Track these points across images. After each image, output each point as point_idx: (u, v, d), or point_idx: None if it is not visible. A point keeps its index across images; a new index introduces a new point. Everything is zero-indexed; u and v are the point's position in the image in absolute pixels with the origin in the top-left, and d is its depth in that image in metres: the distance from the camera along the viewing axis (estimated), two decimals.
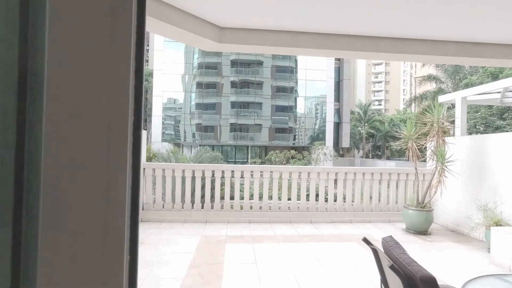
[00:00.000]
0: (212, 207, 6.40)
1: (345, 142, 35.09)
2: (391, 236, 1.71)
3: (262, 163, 24.57)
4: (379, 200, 6.77)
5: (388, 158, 42.58)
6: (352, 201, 6.71)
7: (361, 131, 45.77)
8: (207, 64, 32.26)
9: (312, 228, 5.95)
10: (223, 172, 6.47)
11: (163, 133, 31.93)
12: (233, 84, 32.23)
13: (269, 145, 31.83)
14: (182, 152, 27.37)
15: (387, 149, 44.90)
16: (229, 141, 32.55)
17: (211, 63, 32.32)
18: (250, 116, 32.56)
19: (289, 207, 6.45)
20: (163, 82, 31.31)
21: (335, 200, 6.72)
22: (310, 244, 4.94)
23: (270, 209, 6.46)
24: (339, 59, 35.11)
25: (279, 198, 6.64)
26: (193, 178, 6.55)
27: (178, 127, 32.33)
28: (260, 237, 5.30)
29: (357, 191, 6.66)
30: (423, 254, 4.66)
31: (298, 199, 6.64)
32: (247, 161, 31.34)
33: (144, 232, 5.47)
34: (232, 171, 6.55)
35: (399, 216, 6.48)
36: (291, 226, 6.08)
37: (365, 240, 1.73)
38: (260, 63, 32.64)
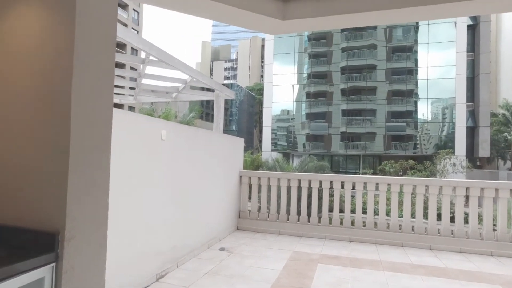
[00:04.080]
0: (308, 220, 5.87)
1: (484, 151, 28.69)
2: None
3: (374, 174, 22.34)
4: None
5: None
6: (494, 227, 5.08)
7: (508, 137, 36.86)
8: (317, 73, 32.18)
9: (431, 257, 4.71)
10: (320, 182, 5.88)
11: (275, 143, 33.12)
12: (343, 92, 31.10)
13: (384, 155, 28.92)
14: (292, 161, 27.69)
15: None
16: (340, 151, 31.27)
17: (320, 72, 32.11)
18: (362, 124, 30.79)
19: (400, 225, 5.33)
20: (273, 94, 32.62)
21: (466, 223, 5.22)
22: (427, 280, 3.84)
23: (375, 226, 5.49)
24: (473, 51, 29.37)
25: (387, 214, 5.58)
26: (289, 187, 6.18)
27: (290, 137, 33.01)
28: (360, 260, 4.47)
29: (502, 214, 5.00)
30: None
31: (413, 217, 5.42)
32: (359, 172, 29.23)
33: (237, 241, 5.37)
34: (331, 181, 5.89)
35: None
36: (402, 250, 4.98)
37: None
38: (373, 67, 30.56)
